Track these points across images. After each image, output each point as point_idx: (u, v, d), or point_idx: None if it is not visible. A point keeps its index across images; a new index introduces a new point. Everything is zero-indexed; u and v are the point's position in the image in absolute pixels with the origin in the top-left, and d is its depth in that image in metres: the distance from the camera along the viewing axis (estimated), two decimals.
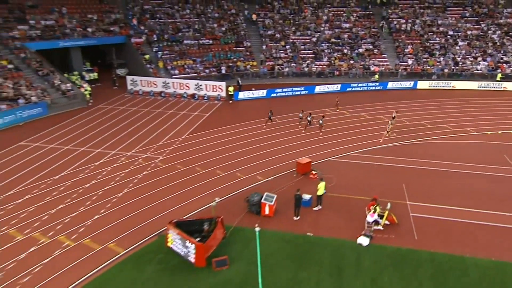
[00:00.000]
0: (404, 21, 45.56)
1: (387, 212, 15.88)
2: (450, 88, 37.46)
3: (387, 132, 25.09)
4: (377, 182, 19.17)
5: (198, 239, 13.89)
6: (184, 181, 18.93)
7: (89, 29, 36.97)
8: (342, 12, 46.80)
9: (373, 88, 36.87)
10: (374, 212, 15.50)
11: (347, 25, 45.40)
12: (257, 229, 11.46)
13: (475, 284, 12.79)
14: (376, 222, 15.63)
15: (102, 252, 14.00)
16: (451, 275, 13.16)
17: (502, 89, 36.97)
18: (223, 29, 43.23)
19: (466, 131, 26.35)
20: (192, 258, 13.54)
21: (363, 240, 14.86)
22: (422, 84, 37.52)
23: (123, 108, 30.38)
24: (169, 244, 14.34)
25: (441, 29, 44.26)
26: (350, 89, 36.34)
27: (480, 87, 37.21)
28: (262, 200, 16.39)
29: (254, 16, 45.70)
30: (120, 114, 28.97)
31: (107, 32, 37.82)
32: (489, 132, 26.17)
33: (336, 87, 36.01)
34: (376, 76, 38.07)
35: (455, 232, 15.46)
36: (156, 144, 23.50)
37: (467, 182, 19.46)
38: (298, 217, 16.34)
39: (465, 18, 45.27)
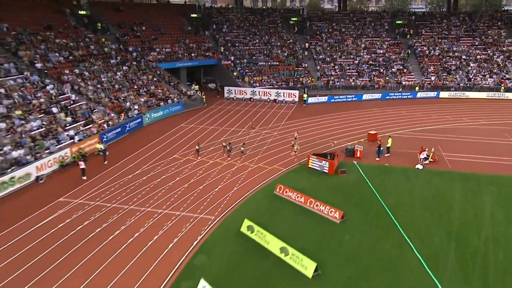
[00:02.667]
0: (426, 48, 56.86)
1: (431, 154, 26.37)
2: (465, 97, 48.01)
3: (294, 152, 26.89)
4: (425, 145, 29.73)
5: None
6: (301, 141, 29.80)
7: (192, 54, 49.48)
8: (376, 41, 58.51)
9: (406, 96, 47.74)
10: (423, 151, 26.03)
11: (381, 51, 56.94)
12: (355, 162, 22.18)
13: (489, 183, 23.06)
14: (425, 158, 26.10)
15: (272, 170, 24.79)
16: (472, 177, 23.50)
17: (505, 98, 47.26)
18: (285, 54, 55.31)
19: (478, 123, 36.88)
20: (326, 169, 24.25)
21: (419, 166, 25.37)
22: (444, 94, 48.22)
23: (229, 107, 41.96)
24: (309, 165, 25.09)
25: (456, 54, 55.31)
26: (388, 97, 47.33)
27: (488, 96, 47.68)
28: (356, 148, 27.20)
29: (307, 44, 57.80)
30: (230, 110, 40.54)
31: (205, 56, 50.25)
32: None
33: (378, 95, 47.08)
34: (416, 88, 49.00)
35: (473, 165, 25.84)
36: (267, 126, 34.70)
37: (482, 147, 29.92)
38: (378, 159, 26.96)
39: (475, 46, 56.27)
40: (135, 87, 38.17)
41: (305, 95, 44.59)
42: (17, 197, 20.70)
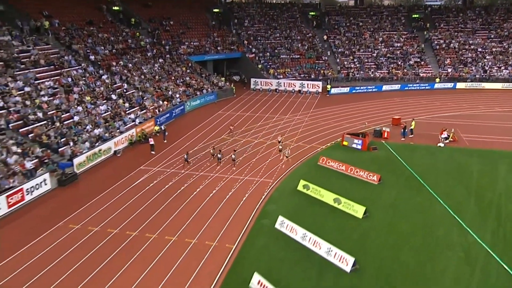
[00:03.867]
0: (442, 41, 61.91)
1: (451, 134, 31.45)
2: (481, 88, 53.04)
3: (286, 157, 26.76)
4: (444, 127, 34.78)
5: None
6: (332, 125, 34.95)
7: (218, 48, 54.72)
8: (393, 35, 63.61)
9: (424, 87, 52.81)
10: (444, 131, 31.12)
11: (398, 44, 62.03)
12: (383, 141, 27.32)
13: (504, 157, 28.13)
14: (446, 138, 31.16)
15: (310, 147, 29.95)
16: (488, 152, 28.60)
17: None
18: (305, 47, 60.46)
19: (493, 110, 42.01)
20: (359, 146, 29.37)
21: (441, 144, 30.50)
22: (460, 85, 53.28)
23: (257, 97, 47.17)
24: (344, 143, 30.21)
25: (472, 47, 60.33)
26: (407, 88, 52.40)
27: (503, 87, 52.70)
28: (383, 129, 32.31)
29: (325, 37, 62.94)
30: (259, 99, 45.75)
31: (230, 49, 55.49)
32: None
33: (397, 87, 52.20)
34: (437, 79, 54.09)
35: (489, 144, 30.93)
36: (298, 113, 39.86)
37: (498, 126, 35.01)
38: (403, 139, 32.05)
39: (490, 39, 61.28)
40: (172, 78, 43.45)
41: (328, 86, 49.77)
42: (106, 166, 26.10)
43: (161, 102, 36.45)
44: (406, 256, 16.92)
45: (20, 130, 24.22)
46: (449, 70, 57.20)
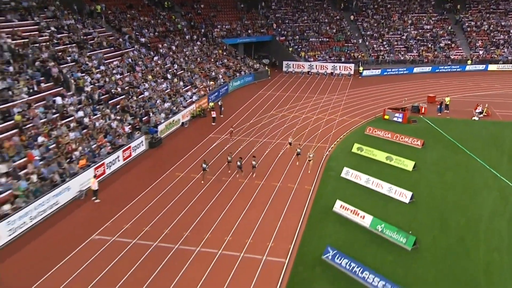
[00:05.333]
0: (473, 23, 68.22)
1: (485, 109, 37.96)
2: None
3: (309, 160, 26.91)
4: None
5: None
6: (369, 103, 41.54)
7: (249, 31, 61.33)
8: (423, 17, 69.99)
9: (455, 69, 59.23)
10: (478, 106, 37.65)
11: (428, 27, 68.40)
12: (421, 116, 33.95)
13: None
14: (480, 112, 37.68)
15: (354, 121, 36.56)
16: None
17: None
18: (334, 30, 66.94)
19: None
20: (400, 119, 35.95)
21: (475, 118, 37.08)
22: (492, 67, 59.78)
23: (291, 79, 53.80)
24: (385, 117, 36.79)
25: (504, 28, 66.61)
26: (438, 70, 58.86)
27: None
28: (420, 105, 38.88)
29: (352, 17, 69.39)
30: (294, 81, 52.38)
31: (260, 33, 62.08)
32: None
33: (428, 69, 58.69)
34: (469, 61, 60.49)
35: None
36: (334, 93, 46.45)
37: None
38: (440, 114, 38.60)
39: None
40: (212, 60, 50.14)
41: (361, 68, 56.31)
42: (178, 134, 33.12)
43: (209, 82, 43.13)
44: (451, 195, 23.67)
45: (109, 102, 31.03)
46: (481, 52, 63.59)
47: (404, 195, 22.81)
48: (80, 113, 27.47)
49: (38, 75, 28.30)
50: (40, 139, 23.28)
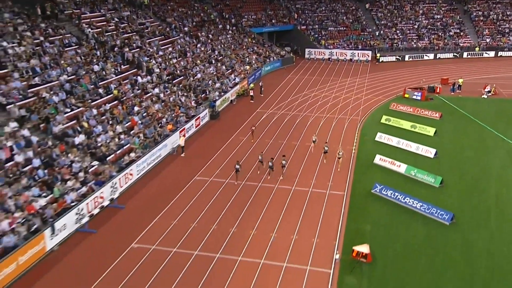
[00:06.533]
0: (481, 13, 73.57)
1: (493, 88, 43.63)
2: None
3: (338, 158, 27.16)
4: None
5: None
6: (389, 85, 47.16)
7: (273, 21, 66.81)
8: (433, 7, 75.32)
9: (466, 56, 64.93)
10: (487, 86, 43.34)
11: (438, 16, 73.77)
12: (436, 95, 39.65)
13: None
14: (488, 91, 43.34)
15: (377, 99, 42.27)
16: None
17: None
18: (350, 20, 72.37)
19: None
20: (419, 97, 41.67)
21: (484, 96, 42.83)
22: (499, 54, 65.33)
23: (314, 65, 59.45)
24: (406, 96, 42.49)
25: (510, 17, 71.94)
26: (445, 57, 64.52)
27: None
28: (436, 85, 44.56)
29: (366, 6, 74.78)
30: (317, 67, 58.08)
31: (283, 22, 67.57)
32: None
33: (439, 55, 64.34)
34: (477, 49, 66.03)
35: None
36: (356, 76, 52.08)
37: None
38: (453, 93, 44.27)
39: None
40: (244, 47, 55.72)
41: (378, 55, 61.86)
42: (229, 109, 39.09)
43: (246, 67, 48.79)
44: (467, 152, 29.65)
45: (174, 81, 36.80)
46: (488, 40, 69.03)
47: (429, 152, 28.66)
48: (156, 90, 33.31)
49: (119, 59, 34.08)
50: (136, 108, 29.16)
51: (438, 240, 19.72)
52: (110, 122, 26.51)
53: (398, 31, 71.52)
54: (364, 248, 17.94)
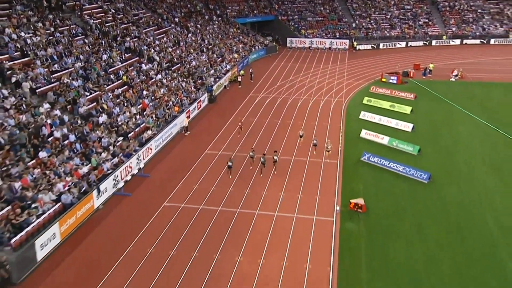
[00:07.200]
0: (447, 3, 78.63)
1: (460, 72, 48.19)
2: (480, 43, 70.27)
3: (328, 152, 27.92)
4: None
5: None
6: (367, 71, 51.07)
7: (255, 11, 69.62)
8: None
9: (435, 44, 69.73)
10: (454, 70, 47.82)
11: (408, 7, 78.37)
12: (410, 79, 43.90)
13: (498, 86, 45.26)
14: (456, 75, 47.87)
15: (357, 83, 46.07)
16: (488, 84, 45.58)
17: (510, 43, 69.84)
18: (327, 11, 75.98)
19: (492, 59, 59.22)
20: (395, 81, 45.74)
21: (452, 79, 47.47)
22: (464, 42, 70.44)
23: (297, 53, 62.92)
24: (383, 80, 46.43)
25: (473, 8, 77.27)
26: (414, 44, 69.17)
27: (498, 42, 70.12)
28: (409, 70, 48.74)
29: None
30: (299, 54, 61.57)
31: (264, 13, 70.48)
32: None
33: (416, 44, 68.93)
34: (444, 37, 70.83)
35: (488, 79, 47.85)
36: (336, 63, 55.79)
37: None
38: (424, 77, 48.55)
39: (489, 1, 78.33)
40: (230, 36, 58.45)
41: (355, 43, 65.73)
42: (224, 94, 41.94)
43: (234, 55, 51.64)
44: (440, 126, 33.87)
45: (172, 68, 39.38)
46: (454, 28, 74.11)
47: (407, 126, 32.63)
48: (159, 76, 35.87)
49: (122, 48, 36.37)
50: (144, 92, 31.75)
51: (418, 194, 23.56)
52: (125, 104, 29.12)
53: (372, 21, 75.71)
54: (359, 201, 21.54)
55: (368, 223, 20.74)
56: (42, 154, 20.22)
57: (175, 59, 41.61)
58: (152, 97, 32.15)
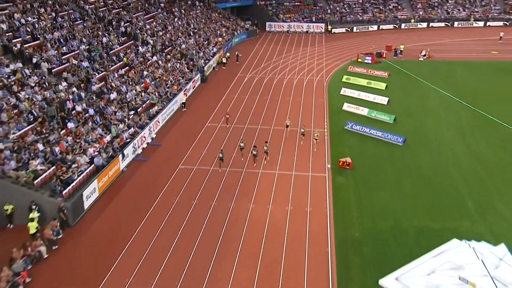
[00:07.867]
0: None
1: (428, 52, 52.44)
2: (444, 26, 75.14)
3: (316, 140, 28.29)
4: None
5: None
6: (344, 52, 54.71)
7: None
8: None
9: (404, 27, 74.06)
10: (423, 50, 52.05)
11: None
12: (383, 59, 47.77)
13: (463, 64, 49.80)
14: (424, 55, 52.10)
15: (338, 63, 49.68)
16: (453, 62, 50.04)
17: (473, 26, 75.05)
18: None
19: (455, 40, 63.95)
20: (369, 61, 49.47)
21: (421, 59, 51.60)
22: (430, 25, 75.09)
23: (276, 37, 65.91)
24: (359, 60, 50.16)
25: None
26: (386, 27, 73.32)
27: (460, 25, 75.20)
28: (382, 51, 52.64)
29: None
30: (279, 38, 64.60)
31: None
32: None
33: (382, 26, 72.92)
34: (412, 20, 75.18)
35: (453, 58, 52.37)
36: (314, 46, 59.14)
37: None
38: (396, 57, 52.59)
39: None
40: (213, 21, 60.75)
41: (329, 27, 69.20)
42: (214, 75, 44.58)
43: (219, 38, 54.15)
44: (411, 99, 37.94)
45: (165, 51, 41.73)
46: (421, 12, 78.71)
47: (383, 100, 36.52)
48: (155, 58, 38.25)
49: (118, 32, 38.44)
50: (145, 73, 34.19)
51: (396, 154, 27.45)
52: (130, 83, 31.56)
53: (345, 6, 79.37)
54: (347, 159, 25.13)
55: (355, 177, 24.41)
56: (70, 125, 22.79)
57: (167, 42, 43.95)
58: (152, 77, 34.63)
